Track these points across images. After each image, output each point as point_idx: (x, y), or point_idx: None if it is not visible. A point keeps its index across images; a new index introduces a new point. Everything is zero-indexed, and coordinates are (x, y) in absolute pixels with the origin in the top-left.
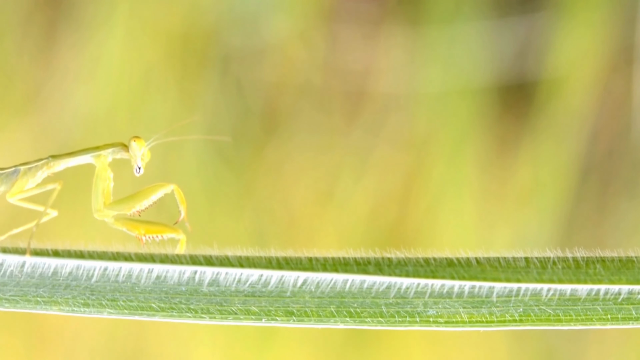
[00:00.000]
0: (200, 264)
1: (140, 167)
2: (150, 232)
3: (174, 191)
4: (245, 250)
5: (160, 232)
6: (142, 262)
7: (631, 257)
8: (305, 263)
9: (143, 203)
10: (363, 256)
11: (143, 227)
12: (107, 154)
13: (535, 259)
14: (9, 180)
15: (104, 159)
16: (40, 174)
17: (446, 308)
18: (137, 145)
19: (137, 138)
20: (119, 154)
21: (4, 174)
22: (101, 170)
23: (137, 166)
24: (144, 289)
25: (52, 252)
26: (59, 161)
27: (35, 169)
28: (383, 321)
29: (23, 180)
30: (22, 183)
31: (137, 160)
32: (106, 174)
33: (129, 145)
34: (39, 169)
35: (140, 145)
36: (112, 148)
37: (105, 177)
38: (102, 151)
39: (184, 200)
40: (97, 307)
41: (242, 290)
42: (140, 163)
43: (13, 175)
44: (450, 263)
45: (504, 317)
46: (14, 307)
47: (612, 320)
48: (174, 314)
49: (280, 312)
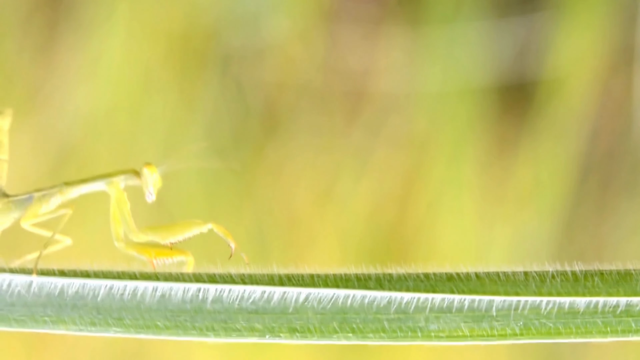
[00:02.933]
0: (203, 281)
1: (152, 193)
2: (161, 255)
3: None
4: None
5: (170, 254)
6: (147, 280)
7: (629, 270)
8: (307, 279)
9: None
10: (364, 272)
11: (153, 250)
12: (119, 181)
13: (534, 272)
14: (22, 206)
15: (116, 185)
16: (53, 200)
17: (447, 323)
18: (148, 171)
19: (148, 165)
20: (131, 180)
21: (18, 201)
22: (116, 198)
23: (148, 192)
24: (149, 308)
25: (59, 272)
26: (72, 188)
27: (48, 196)
28: (385, 336)
29: (36, 206)
30: (35, 209)
31: (149, 186)
32: (120, 202)
33: (140, 172)
34: (53, 196)
35: (152, 172)
36: (123, 175)
37: (120, 205)
38: (114, 178)
39: (228, 234)
40: (104, 326)
41: (246, 307)
42: (152, 189)
43: (27, 201)
44: (450, 277)
45: (505, 330)
46: (22, 327)
47: (612, 333)
48: (179, 332)
49: (284, 329)
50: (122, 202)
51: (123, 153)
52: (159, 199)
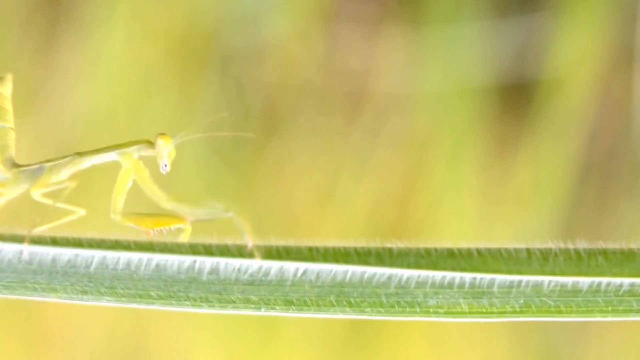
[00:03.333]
0: (200, 253)
1: (167, 164)
2: (158, 225)
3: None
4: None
5: (167, 223)
6: (142, 251)
7: (633, 250)
8: (306, 253)
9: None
10: (364, 246)
11: (150, 220)
12: (133, 151)
13: (537, 250)
14: (33, 176)
15: (129, 156)
16: (65, 171)
17: (446, 299)
18: (163, 142)
19: (163, 135)
20: (144, 151)
21: (29, 171)
22: (130, 169)
23: (163, 163)
24: (142, 277)
25: (51, 240)
26: (84, 158)
27: (60, 166)
28: (383, 311)
29: (47, 176)
30: (46, 179)
31: (164, 157)
32: (138, 171)
33: (154, 142)
34: (64, 166)
35: (167, 143)
36: (137, 145)
37: (138, 174)
38: (127, 148)
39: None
40: (96, 295)
41: (242, 279)
42: (166, 160)
43: (37, 172)
44: (452, 254)
45: (505, 308)
46: (11, 293)
47: (613, 312)
48: (172, 302)
49: (280, 301)
50: (140, 172)
51: None
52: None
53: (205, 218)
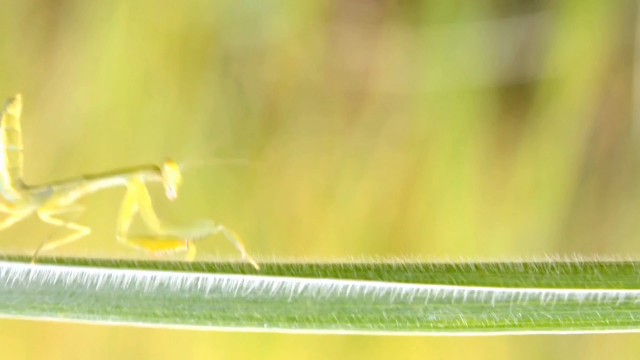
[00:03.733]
0: (202, 270)
1: (173, 190)
2: (162, 247)
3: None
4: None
5: (171, 245)
6: (145, 269)
7: (629, 262)
8: (306, 269)
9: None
10: (363, 262)
11: (154, 242)
12: (140, 176)
13: (534, 264)
14: (41, 198)
15: (136, 181)
16: (73, 194)
17: (446, 313)
18: (169, 168)
19: (169, 161)
20: (151, 176)
21: (38, 193)
22: (135, 193)
23: (169, 189)
24: (147, 296)
25: (57, 260)
26: (92, 182)
27: (68, 189)
28: (384, 326)
29: (55, 199)
30: (54, 202)
31: (170, 183)
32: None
33: (161, 168)
34: (72, 189)
35: (173, 168)
36: (144, 170)
37: (141, 201)
38: (134, 173)
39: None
40: (102, 314)
41: (244, 296)
42: (172, 186)
43: (45, 194)
44: (449, 269)
45: (504, 322)
46: (20, 314)
47: (611, 325)
48: (177, 320)
49: (282, 318)
50: (143, 198)
51: (123, 153)
52: (159, 198)
53: (199, 236)
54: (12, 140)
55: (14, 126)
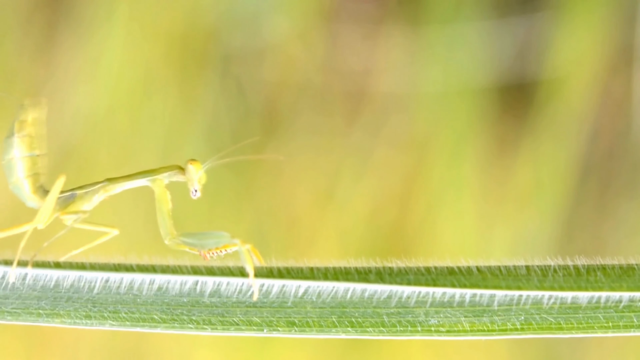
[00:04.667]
0: (201, 273)
1: (197, 190)
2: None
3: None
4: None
5: (222, 247)
6: (144, 273)
7: (632, 265)
8: (307, 272)
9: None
10: (364, 265)
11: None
12: (164, 177)
13: (536, 266)
14: (64, 204)
15: (160, 182)
16: (96, 197)
17: (447, 317)
18: (193, 168)
19: (193, 161)
20: (175, 177)
21: (61, 198)
22: (161, 194)
23: (193, 189)
24: (145, 301)
25: (54, 264)
26: (115, 185)
27: (91, 193)
28: (385, 331)
29: (79, 203)
30: (77, 206)
31: (194, 183)
32: (166, 197)
33: (185, 168)
34: (95, 193)
35: (197, 168)
36: (168, 171)
37: (166, 201)
38: (158, 175)
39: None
40: (99, 319)
41: (244, 301)
42: (197, 186)
43: (69, 199)
44: (451, 271)
45: (506, 325)
46: (16, 319)
47: (614, 328)
48: (175, 325)
49: (282, 323)
50: (163, 202)
51: (123, 153)
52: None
53: (214, 248)
54: (37, 145)
55: (39, 130)
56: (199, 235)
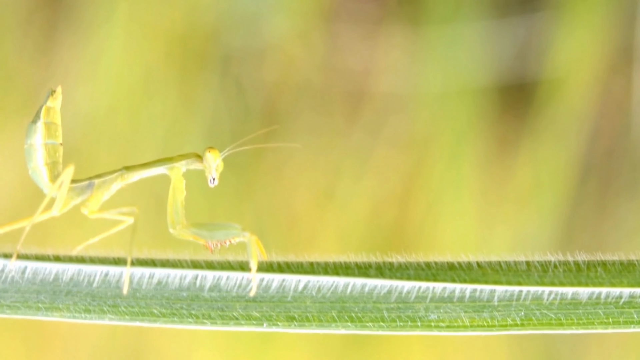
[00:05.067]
0: (201, 267)
1: (215, 178)
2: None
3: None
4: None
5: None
6: (143, 267)
7: (632, 261)
8: (307, 267)
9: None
10: (364, 260)
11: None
12: (181, 165)
13: (537, 262)
14: (83, 193)
15: (177, 170)
16: (114, 186)
17: (447, 312)
18: (211, 156)
19: (211, 149)
20: (192, 165)
21: (79, 187)
22: (177, 182)
23: (211, 177)
24: (145, 295)
25: (54, 257)
26: (133, 173)
27: (109, 182)
28: (384, 326)
29: (98, 193)
30: (97, 196)
31: (212, 171)
32: (182, 186)
33: (203, 156)
34: (113, 181)
35: (215, 156)
36: (186, 159)
37: (181, 189)
38: (176, 163)
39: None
40: (99, 313)
41: (243, 295)
42: (215, 174)
43: (87, 188)
44: (452, 266)
45: (506, 321)
46: (15, 313)
47: (614, 324)
48: (175, 319)
49: (282, 317)
50: (178, 190)
51: (123, 153)
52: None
53: (223, 240)
54: (51, 134)
55: (53, 119)
56: (209, 226)
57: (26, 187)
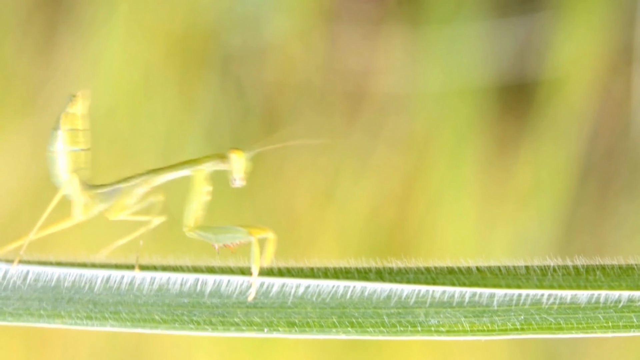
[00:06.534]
0: (202, 272)
1: (240, 178)
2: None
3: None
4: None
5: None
6: (144, 271)
7: (631, 264)
8: (307, 271)
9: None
10: (364, 265)
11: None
12: (206, 167)
13: (536, 266)
14: (109, 199)
15: (202, 172)
16: (140, 190)
17: (447, 317)
18: (236, 157)
19: (236, 150)
20: (218, 166)
21: (105, 193)
22: (198, 184)
23: (235, 178)
24: (146, 301)
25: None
26: (158, 176)
27: (135, 186)
28: (385, 331)
29: (125, 197)
30: (123, 201)
31: (237, 172)
32: (202, 189)
33: (227, 157)
34: (139, 185)
35: (240, 157)
36: (211, 161)
37: (200, 192)
38: (201, 164)
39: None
40: (100, 320)
41: (244, 301)
42: (239, 174)
43: (113, 193)
44: (451, 271)
45: (506, 325)
46: (17, 320)
47: (613, 328)
48: (176, 325)
49: (283, 323)
50: (196, 193)
51: (123, 153)
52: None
53: (229, 243)
54: (73, 140)
55: (74, 125)
56: (216, 229)
57: (26, 187)
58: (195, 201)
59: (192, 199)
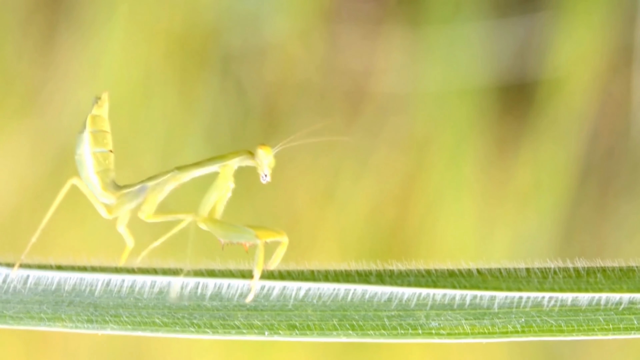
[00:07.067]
0: (202, 275)
1: (267, 174)
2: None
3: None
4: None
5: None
6: (145, 274)
7: (632, 267)
8: (307, 274)
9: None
10: (365, 268)
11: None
12: (234, 163)
13: (536, 268)
14: (137, 197)
15: (229, 168)
16: (167, 187)
17: (448, 320)
18: (264, 152)
19: (263, 145)
20: (244, 162)
21: (132, 192)
22: (221, 180)
23: (263, 174)
24: (147, 304)
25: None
26: (185, 173)
27: (162, 183)
28: (386, 334)
29: (152, 196)
30: (151, 199)
31: (264, 167)
32: (224, 184)
33: (255, 153)
34: (166, 183)
35: (267, 153)
36: (239, 157)
37: (221, 187)
38: (228, 160)
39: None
40: (101, 323)
41: (245, 304)
42: (267, 170)
43: (141, 192)
44: (452, 273)
45: (507, 328)
46: (18, 324)
47: (614, 330)
48: (177, 329)
49: (283, 326)
50: (217, 187)
51: (123, 153)
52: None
53: (235, 242)
54: (99, 142)
55: (100, 127)
56: (225, 226)
57: (26, 188)
58: (216, 194)
59: (213, 191)
